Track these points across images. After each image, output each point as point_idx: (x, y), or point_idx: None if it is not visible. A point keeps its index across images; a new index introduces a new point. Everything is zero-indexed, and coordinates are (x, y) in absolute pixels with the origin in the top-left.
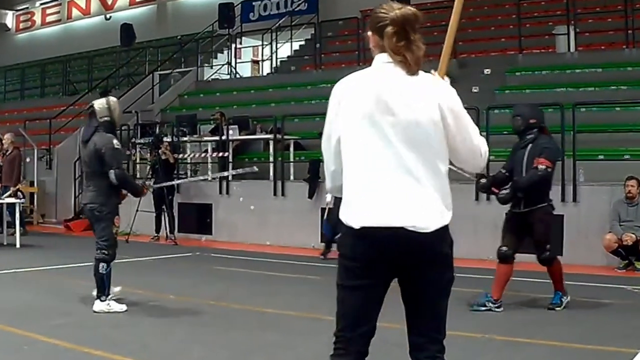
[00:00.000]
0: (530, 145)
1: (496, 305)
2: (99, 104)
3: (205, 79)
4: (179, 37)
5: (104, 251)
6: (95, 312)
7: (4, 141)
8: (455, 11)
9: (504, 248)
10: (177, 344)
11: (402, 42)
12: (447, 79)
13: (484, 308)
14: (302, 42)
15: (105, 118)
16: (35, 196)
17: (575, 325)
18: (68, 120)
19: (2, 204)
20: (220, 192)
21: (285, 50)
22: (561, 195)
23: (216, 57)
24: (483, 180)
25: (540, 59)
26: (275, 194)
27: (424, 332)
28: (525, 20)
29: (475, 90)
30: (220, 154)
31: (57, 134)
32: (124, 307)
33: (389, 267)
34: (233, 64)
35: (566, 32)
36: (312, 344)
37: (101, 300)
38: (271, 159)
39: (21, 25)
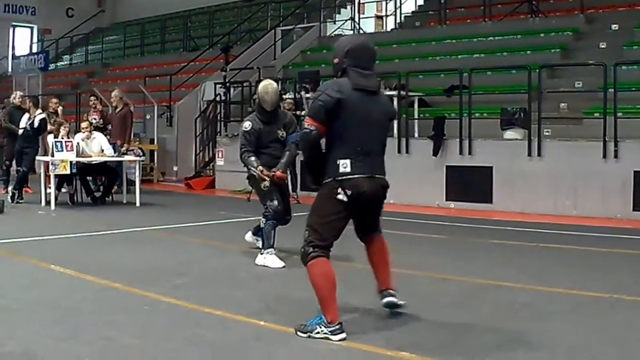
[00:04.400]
0: None
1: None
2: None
3: (328, 34)
4: None
5: (264, 208)
6: (256, 264)
7: (111, 98)
8: None
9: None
10: (299, 305)
11: None
12: None
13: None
14: None
15: (256, 100)
16: (156, 154)
17: None
18: (189, 77)
19: (120, 162)
20: None
21: (409, 5)
22: None
23: (339, 13)
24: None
25: None
26: (399, 151)
27: None
28: None
29: (602, 46)
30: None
31: (178, 90)
32: (279, 264)
33: None
34: (356, 19)
35: None
36: (437, 304)
37: (260, 254)
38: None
39: None
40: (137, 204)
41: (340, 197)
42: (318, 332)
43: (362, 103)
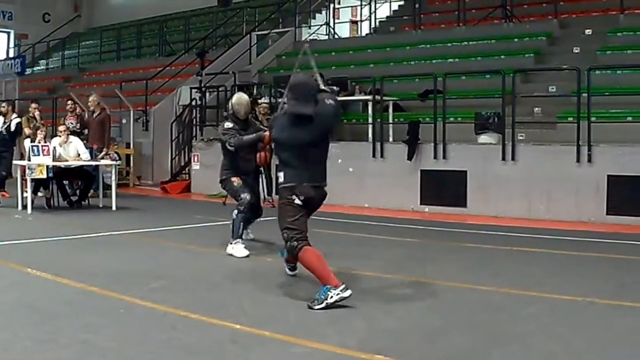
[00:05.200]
0: None
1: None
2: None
3: (303, 39)
4: None
5: (238, 201)
6: (226, 253)
7: (89, 103)
8: None
9: None
10: (275, 308)
11: None
12: None
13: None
14: (401, 2)
15: (229, 111)
16: (132, 158)
17: None
18: (164, 82)
19: (97, 166)
20: None
21: (384, 11)
22: None
23: (314, 18)
24: None
25: None
26: (374, 155)
27: None
28: None
29: (576, 51)
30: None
31: (154, 95)
32: (244, 253)
33: None
34: (331, 24)
35: None
36: (412, 307)
37: (230, 244)
38: (370, 120)
39: None
40: (114, 207)
41: (296, 202)
42: (332, 297)
43: (289, 127)
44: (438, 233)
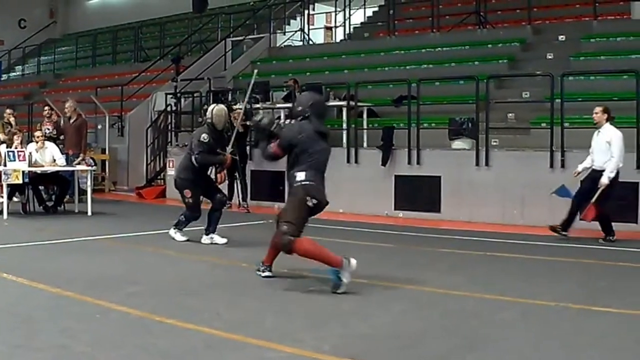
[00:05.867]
0: None
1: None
2: (210, 108)
3: (277, 45)
4: (251, 3)
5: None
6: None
7: (66, 109)
8: None
9: None
10: (250, 313)
11: None
12: None
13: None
14: (376, 9)
15: (208, 119)
16: (107, 163)
17: None
18: (140, 87)
19: (73, 171)
20: None
21: (358, 17)
22: (636, 163)
23: (289, 24)
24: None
25: (615, 25)
26: (348, 161)
27: None
28: None
29: (549, 57)
30: (293, 121)
31: (129, 101)
32: (183, 239)
33: None
34: (306, 30)
35: None
36: (387, 312)
37: (173, 229)
38: (344, 126)
39: None
40: (89, 213)
41: (309, 203)
42: (345, 277)
43: (316, 139)
44: (412, 238)
